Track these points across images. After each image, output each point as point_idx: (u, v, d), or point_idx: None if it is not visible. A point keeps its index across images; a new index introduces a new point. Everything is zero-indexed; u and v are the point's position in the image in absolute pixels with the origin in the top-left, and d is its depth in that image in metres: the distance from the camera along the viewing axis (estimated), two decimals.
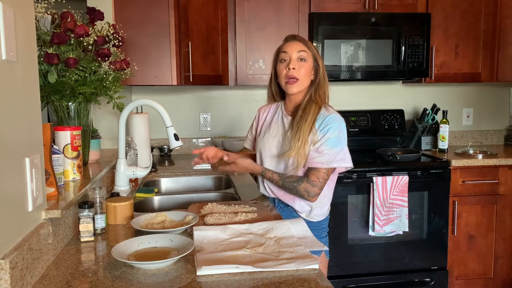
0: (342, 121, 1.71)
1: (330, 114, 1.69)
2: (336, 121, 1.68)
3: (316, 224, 1.81)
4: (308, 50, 1.70)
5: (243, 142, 2.07)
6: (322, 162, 1.65)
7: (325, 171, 1.67)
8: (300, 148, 1.65)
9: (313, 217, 1.80)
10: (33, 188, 1.13)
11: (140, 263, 1.18)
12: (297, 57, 1.69)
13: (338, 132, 1.67)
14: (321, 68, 1.73)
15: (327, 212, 1.86)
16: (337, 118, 1.70)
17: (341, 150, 1.67)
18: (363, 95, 3.42)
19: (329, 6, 2.94)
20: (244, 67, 2.93)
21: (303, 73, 1.70)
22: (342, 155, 1.67)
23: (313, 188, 1.67)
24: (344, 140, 1.69)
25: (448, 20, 3.07)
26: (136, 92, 3.14)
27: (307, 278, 1.12)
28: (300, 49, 1.70)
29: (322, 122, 1.67)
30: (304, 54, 1.69)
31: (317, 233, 1.76)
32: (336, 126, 1.67)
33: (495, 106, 3.60)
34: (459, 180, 2.88)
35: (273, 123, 1.85)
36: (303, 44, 1.71)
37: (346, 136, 1.71)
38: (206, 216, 1.62)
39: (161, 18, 2.48)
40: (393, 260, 2.84)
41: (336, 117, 1.70)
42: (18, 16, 1.07)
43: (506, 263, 2.99)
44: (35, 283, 1.11)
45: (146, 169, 2.00)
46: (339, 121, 1.69)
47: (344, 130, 1.70)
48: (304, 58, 1.69)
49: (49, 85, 1.64)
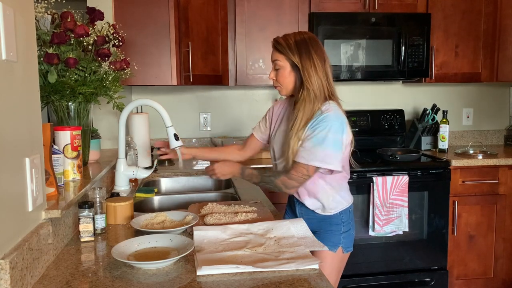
0: (338, 122, 1.64)
1: (326, 113, 1.64)
2: (328, 120, 1.62)
3: (332, 218, 1.74)
4: (284, 56, 1.69)
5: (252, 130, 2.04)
6: (303, 157, 1.63)
7: (304, 166, 1.63)
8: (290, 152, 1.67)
9: (329, 211, 1.74)
10: (33, 188, 1.13)
11: (140, 263, 1.18)
12: (274, 66, 1.74)
13: (327, 132, 1.61)
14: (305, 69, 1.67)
15: (344, 204, 1.76)
16: (331, 117, 1.63)
17: (324, 150, 1.61)
18: (363, 95, 3.42)
19: (329, 6, 2.94)
20: (244, 67, 2.93)
21: (282, 81, 1.73)
22: (323, 156, 1.61)
23: (290, 181, 1.65)
24: (331, 142, 1.61)
25: (448, 20, 3.07)
26: (136, 92, 3.14)
27: (307, 278, 1.12)
28: (274, 58, 1.72)
29: (315, 120, 1.64)
30: (279, 63, 1.71)
31: (335, 228, 1.73)
32: (326, 125, 1.61)
33: (495, 106, 3.60)
34: (459, 180, 2.88)
35: (284, 119, 1.83)
36: (278, 52, 1.71)
37: (338, 137, 1.63)
38: (206, 216, 1.62)
39: (161, 18, 2.48)
40: (393, 260, 2.84)
41: (330, 117, 1.63)
42: (18, 16, 1.07)
43: (506, 263, 2.99)
44: (35, 283, 1.11)
45: (149, 170, 2.00)
46: (332, 121, 1.62)
47: (336, 131, 1.63)
48: (278, 68, 1.72)
49: (49, 85, 1.64)
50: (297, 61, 1.67)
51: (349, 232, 1.79)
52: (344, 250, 1.75)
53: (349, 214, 1.78)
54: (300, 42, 1.68)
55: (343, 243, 1.74)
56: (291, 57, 1.68)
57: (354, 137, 1.73)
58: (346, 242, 1.75)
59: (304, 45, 1.68)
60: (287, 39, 1.70)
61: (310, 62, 1.67)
